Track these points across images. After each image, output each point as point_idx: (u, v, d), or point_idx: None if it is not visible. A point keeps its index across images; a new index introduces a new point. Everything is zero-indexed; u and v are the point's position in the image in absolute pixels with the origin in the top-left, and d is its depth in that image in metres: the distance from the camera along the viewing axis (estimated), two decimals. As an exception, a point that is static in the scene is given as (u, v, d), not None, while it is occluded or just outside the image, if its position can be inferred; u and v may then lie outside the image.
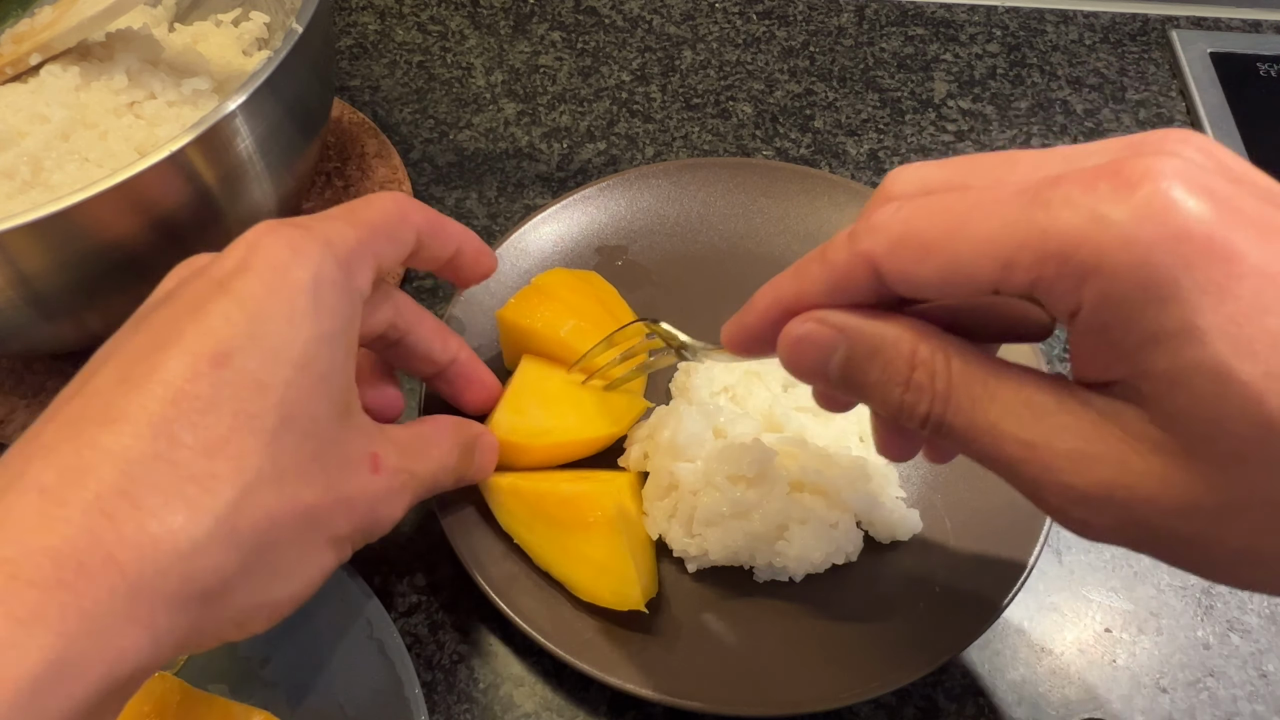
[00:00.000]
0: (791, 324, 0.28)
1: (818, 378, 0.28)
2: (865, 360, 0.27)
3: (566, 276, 0.47)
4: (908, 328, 0.26)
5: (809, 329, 0.28)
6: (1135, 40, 0.67)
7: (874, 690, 0.38)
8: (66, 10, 0.46)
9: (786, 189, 0.53)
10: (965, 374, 0.26)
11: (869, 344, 0.27)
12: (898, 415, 0.27)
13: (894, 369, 0.26)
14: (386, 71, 0.65)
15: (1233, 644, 0.42)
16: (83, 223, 0.37)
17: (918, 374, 0.26)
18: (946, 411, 0.26)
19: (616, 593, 0.39)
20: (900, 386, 0.26)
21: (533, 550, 0.41)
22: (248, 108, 0.39)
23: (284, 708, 0.38)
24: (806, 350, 0.28)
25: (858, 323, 0.27)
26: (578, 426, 0.43)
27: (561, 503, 0.40)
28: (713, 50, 0.66)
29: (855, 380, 0.27)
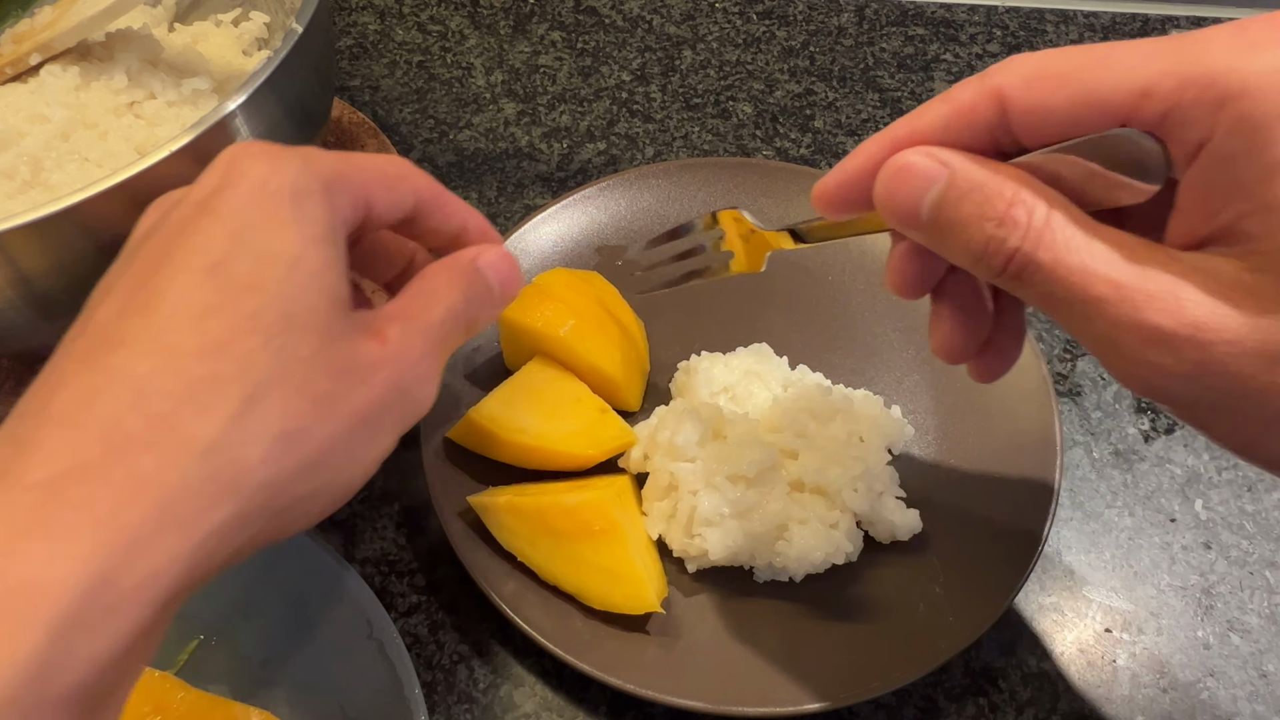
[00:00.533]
0: (897, 155, 0.28)
1: (909, 214, 0.28)
2: (963, 195, 0.27)
3: (567, 276, 0.47)
4: (1014, 173, 0.27)
5: (913, 158, 0.28)
6: (1135, 40, 0.66)
7: (874, 690, 0.38)
8: (66, 10, 0.46)
9: (786, 189, 0.53)
10: (1061, 216, 0.26)
11: (972, 179, 0.27)
12: (981, 254, 0.27)
13: (991, 205, 0.26)
14: (386, 71, 0.65)
15: (1233, 644, 0.42)
16: (83, 223, 0.37)
17: (1015, 209, 0.26)
18: (1038, 248, 0.26)
19: (631, 597, 0.39)
20: (993, 222, 0.26)
21: (538, 566, 0.40)
22: (248, 108, 0.39)
23: (284, 708, 0.38)
24: (907, 180, 0.28)
25: (963, 160, 0.27)
26: (555, 438, 0.42)
27: (564, 514, 0.40)
28: (713, 50, 0.66)
29: (946, 217, 0.27)
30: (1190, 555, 0.44)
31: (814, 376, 0.46)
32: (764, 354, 0.47)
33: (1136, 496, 0.46)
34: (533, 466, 0.43)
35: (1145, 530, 0.45)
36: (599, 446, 0.43)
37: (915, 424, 0.46)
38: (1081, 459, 0.47)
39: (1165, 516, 0.45)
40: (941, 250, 0.28)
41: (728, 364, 0.46)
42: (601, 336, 0.45)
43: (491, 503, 0.41)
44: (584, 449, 0.43)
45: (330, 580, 0.39)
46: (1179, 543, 0.45)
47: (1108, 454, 0.47)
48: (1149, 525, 0.45)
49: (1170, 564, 0.44)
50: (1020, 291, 0.27)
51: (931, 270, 0.32)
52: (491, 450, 0.43)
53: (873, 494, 0.41)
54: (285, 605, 0.40)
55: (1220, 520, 0.45)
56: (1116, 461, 0.47)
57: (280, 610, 0.40)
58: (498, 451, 0.43)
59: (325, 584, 0.39)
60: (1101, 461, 0.47)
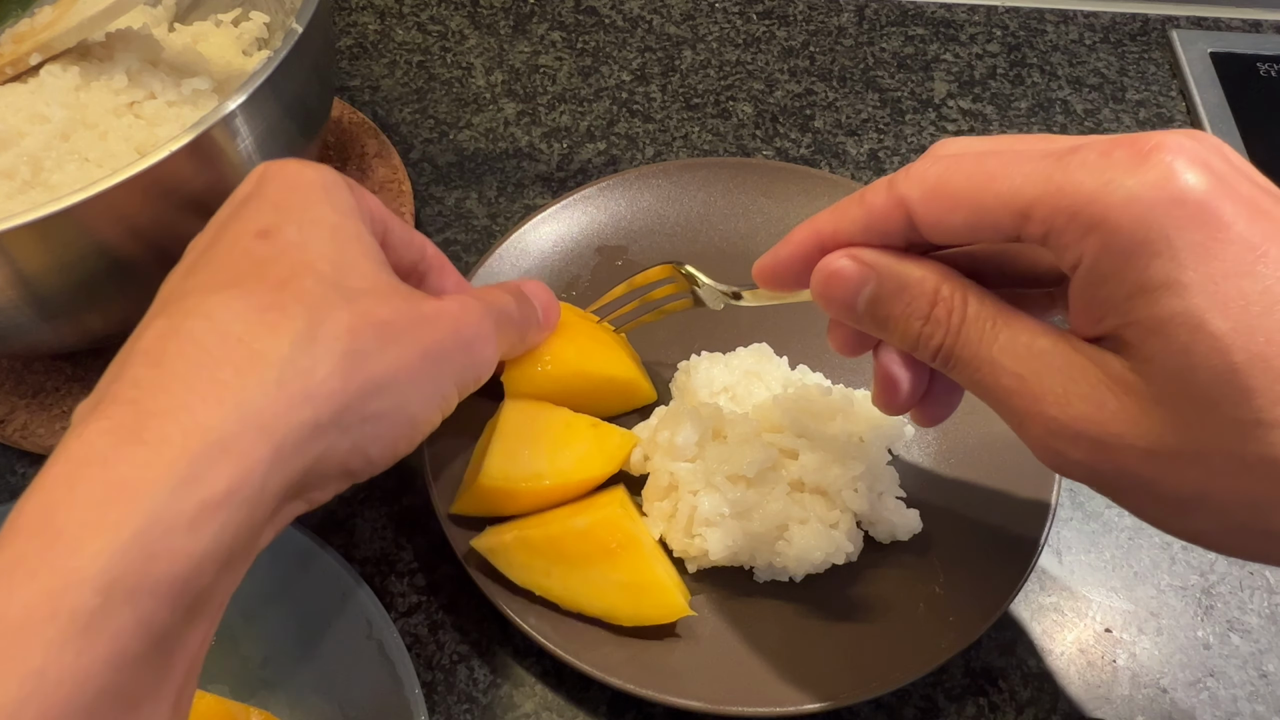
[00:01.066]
0: (827, 258, 0.31)
1: (847, 310, 0.31)
2: (891, 296, 0.30)
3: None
4: (932, 269, 0.29)
5: (843, 265, 0.31)
6: (1135, 40, 0.67)
7: (874, 690, 0.38)
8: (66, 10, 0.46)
9: (786, 189, 0.53)
10: (978, 312, 0.28)
11: (897, 281, 0.30)
12: (914, 346, 0.30)
13: (917, 305, 0.29)
14: (386, 71, 0.65)
15: (1233, 644, 0.42)
16: (83, 223, 0.37)
17: (938, 309, 0.29)
18: (957, 344, 0.29)
19: (660, 606, 0.39)
20: (920, 320, 0.29)
21: (558, 596, 0.39)
22: (248, 108, 0.39)
23: (284, 708, 0.38)
24: (839, 284, 0.31)
25: (888, 261, 0.30)
26: (573, 467, 0.41)
27: (579, 538, 0.39)
28: (713, 50, 0.66)
29: (880, 314, 0.30)
30: (1190, 555, 0.44)
31: (814, 376, 0.46)
32: (764, 354, 0.47)
33: (1136, 496, 0.46)
34: (550, 506, 0.41)
35: (1145, 530, 0.45)
36: (613, 459, 0.42)
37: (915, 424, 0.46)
38: (1081, 459, 0.47)
39: (1165, 516, 0.45)
40: (880, 335, 0.32)
41: (728, 364, 0.46)
42: (599, 346, 0.44)
43: (499, 542, 0.40)
44: (600, 468, 0.42)
45: (330, 580, 0.39)
46: (1179, 543, 0.45)
47: (1108, 454, 0.47)
48: (1149, 525, 0.45)
49: (1170, 564, 0.44)
50: (950, 374, 0.30)
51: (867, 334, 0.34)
52: (508, 507, 0.41)
53: (873, 494, 0.41)
54: (285, 605, 0.40)
55: (1220, 520, 0.45)
56: (1116, 461, 0.47)
57: (280, 610, 0.40)
58: (515, 505, 0.41)
59: (325, 584, 0.39)
60: (1101, 461, 0.47)
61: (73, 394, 0.48)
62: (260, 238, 0.30)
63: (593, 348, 0.44)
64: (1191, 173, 0.24)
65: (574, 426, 0.42)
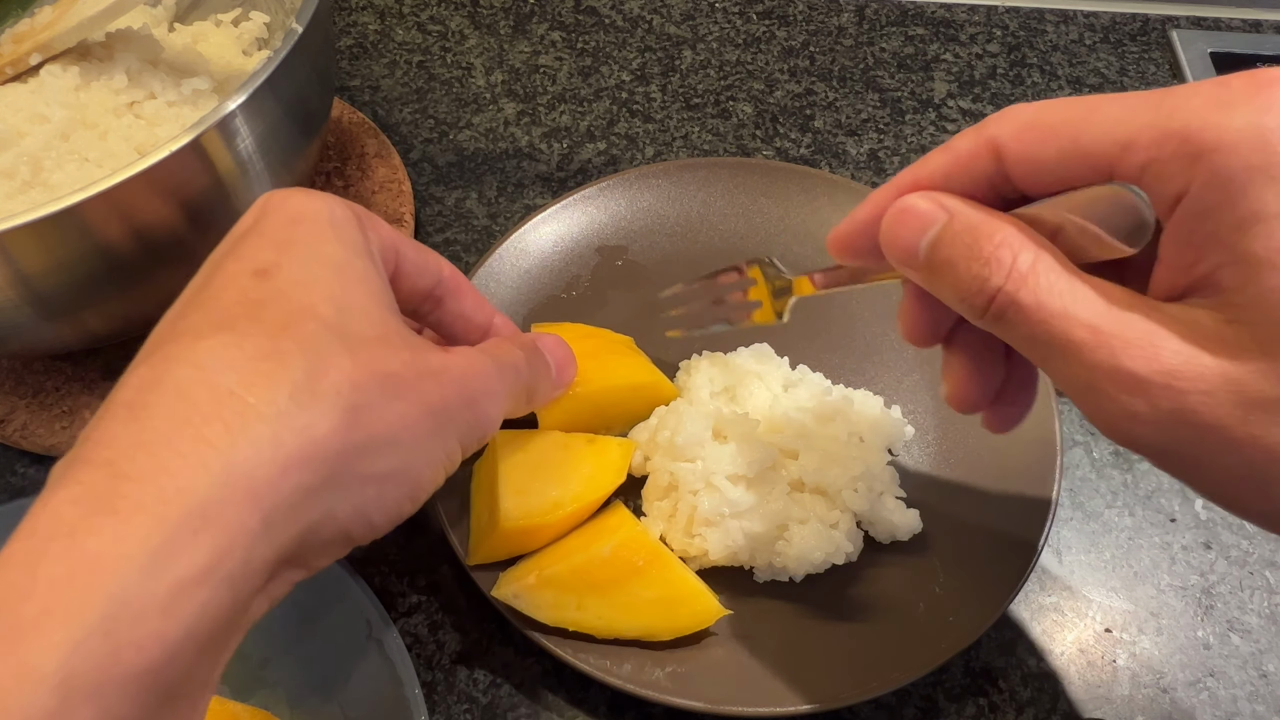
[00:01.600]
0: (901, 199, 0.29)
1: (908, 254, 0.29)
2: (955, 236, 0.28)
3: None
4: (1006, 218, 0.27)
5: (916, 202, 0.29)
6: (1135, 40, 0.67)
7: (874, 690, 0.38)
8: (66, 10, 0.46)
9: (786, 189, 0.53)
10: (1048, 262, 0.26)
11: (966, 221, 0.28)
12: (966, 293, 0.27)
13: (979, 246, 0.27)
14: (386, 71, 0.65)
15: (1233, 644, 0.42)
16: (83, 223, 0.37)
17: (1001, 250, 0.26)
18: (1020, 289, 0.26)
19: (696, 613, 0.38)
20: (979, 261, 0.27)
21: (592, 627, 0.38)
22: (248, 108, 0.39)
23: (284, 708, 0.38)
24: (908, 221, 0.29)
25: (962, 205, 0.28)
26: (586, 488, 0.40)
27: (605, 564, 0.39)
28: (713, 50, 0.66)
29: (940, 256, 0.28)
30: (1190, 555, 0.44)
31: (814, 376, 0.46)
32: (764, 354, 0.47)
33: (1136, 496, 0.46)
34: (567, 533, 0.41)
35: (1145, 530, 0.45)
36: (619, 470, 0.42)
37: (915, 424, 0.46)
38: (1081, 459, 0.47)
39: (1165, 516, 0.45)
40: (935, 290, 0.29)
41: (728, 364, 0.46)
42: (616, 356, 0.44)
43: (522, 586, 0.39)
44: (610, 482, 0.41)
45: (330, 580, 0.39)
46: (1179, 543, 0.45)
47: (1108, 454, 0.47)
48: (1149, 525, 0.45)
49: (1170, 564, 0.44)
50: (1003, 333, 0.27)
51: (941, 318, 0.32)
52: (529, 544, 0.40)
53: (873, 494, 0.41)
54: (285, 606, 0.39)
55: (1220, 520, 0.45)
56: (1116, 461, 0.47)
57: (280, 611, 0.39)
58: (536, 541, 0.40)
59: (325, 584, 0.39)
60: (1101, 461, 0.47)
61: (72, 394, 0.48)
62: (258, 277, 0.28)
63: (613, 360, 0.44)
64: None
65: (572, 447, 0.41)
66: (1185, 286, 0.25)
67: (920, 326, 0.32)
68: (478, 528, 0.41)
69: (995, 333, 0.28)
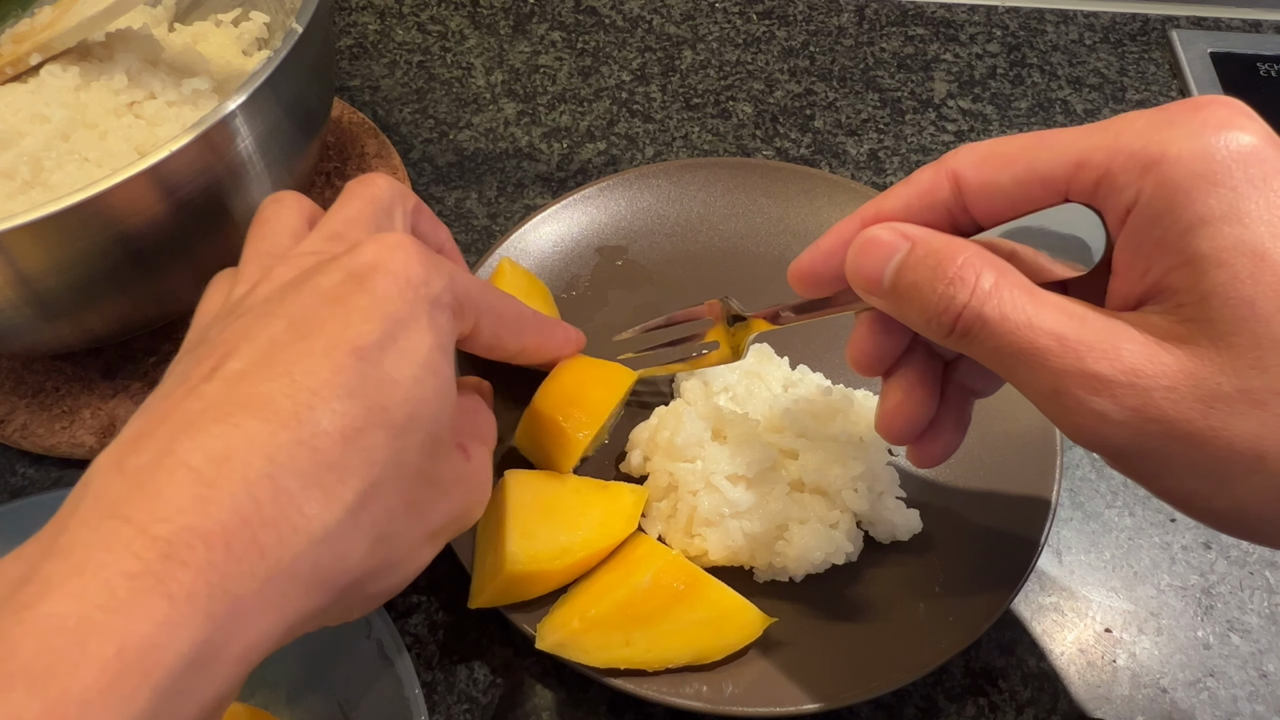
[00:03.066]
0: (865, 230, 0.31)
1: (873, 282, 0.30)
2: (918, 261, 0.29)
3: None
4: (966, 242, 0.29)
5: (878, 232, 0.30)
6: (1135, 40, 0.67)
7: (874, 690, 0.38)
8: (66, 10, 0.46)
9: (786, 189, 0.53)
10: (1011, 278, 0.28)
11: (929, 246, 0.29)
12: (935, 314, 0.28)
13: (943, 268, 0.28)
14: (386, 71, 0.65)
15: (1233, 644, 0.42)
16: (83, 223, 0.37)
17: (964, 270, 0.28)
18: (986, 304, 0.27)
19: (743, 626, 0.38)
20: (944, 282, 0.28)
21: (643, 661, 0.38)
22: (248, 108, 0.39)
23: (284, 708, 0.38)
24: (871, 251, 0.30)
25: (924, 232, 0.30)
26: (596, 535, 0.40)
27: (647, 596, 0.38)
28: (713, 50, 0.66)
29: (905, 281, 0.29)
30: (1190, 555, 0.44)
31: (814, 376, 0.46)
32: (764, 354, 0.47)
33: (1136, 496, 0.46)
34: (574, 579, 0.40)
35: (1145, 530, 0.45)
36: (631, 518, 0.41)
37: (915, 424, 0.46)
38: (1081, 459, 0.47)
39: (1165, 516, 0.45)
40: (901, 314, 0.30)
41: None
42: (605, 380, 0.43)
43: (566, 634, 0.38)
44: (621, 530, 0.40)
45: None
46: (1179, 543, 0.45)
47: (1108, 454, 0.47)
48: (1149, 525, 0.45)
49: (1170, 564, 0.44)
50: (969, 348, 0.29)
51: (888, 349, 0.34)
52: (533, 590, 0.39)
53: (873, 494, 0.41)
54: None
55: (1220, 520, 0.45)
56: (1116, 461, 0.47)
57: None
58: (541, 586, 0.39)
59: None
60: (1101, 461, 0.47)
61: (72, 394, 0.48)
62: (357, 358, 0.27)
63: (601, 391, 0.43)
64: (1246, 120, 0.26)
65: (582, 492, 0.41)
66: (1140, 295, 0.27)
67: (869, 357, 0.34)
68: (481, 569, 0.40)
69: (961, 349, 0.29)
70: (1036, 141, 0.28)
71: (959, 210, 0.30)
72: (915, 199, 0.31)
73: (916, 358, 0.35)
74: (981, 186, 0.29)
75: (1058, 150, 0.27)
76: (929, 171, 0.30)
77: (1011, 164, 0.28)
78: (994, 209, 0.29)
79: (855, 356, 0.35)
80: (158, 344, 0.50)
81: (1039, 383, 0.27)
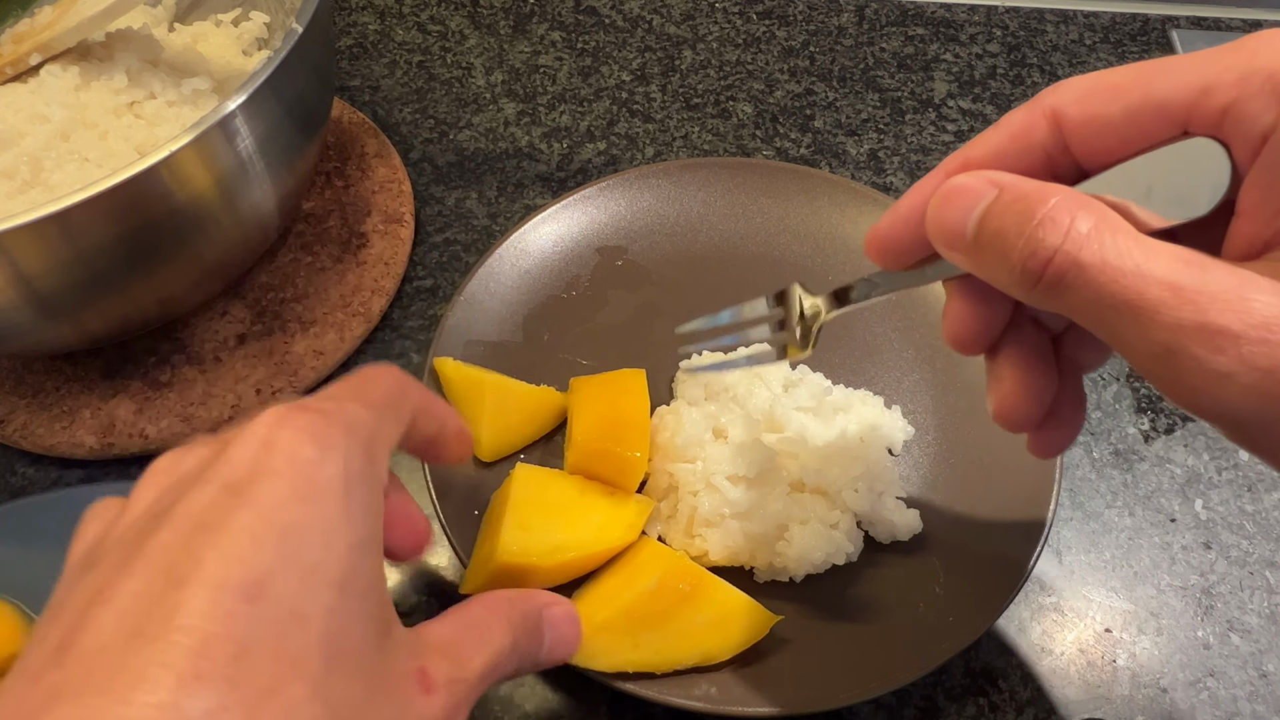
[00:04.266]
0: (948, 180, 0.27)
1: (955, 234, 0.26)
2: (1006, 206, 0.25)
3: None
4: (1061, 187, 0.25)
5: (962, 180, 0.27)
6: (1135, 40, 0.67)
7: (874, 690, 0.38)
8: (66, 10, 0.46)
9: (786, 189, 0.53)
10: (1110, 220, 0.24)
11: (1017, 191, 0.25)
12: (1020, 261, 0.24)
13: (1031, 210, 0.24)
14: (386, 71, 0.65)
15: (1233, 644, 0.42)
16: (83, 223, 0.37)
17: (1057, 211, 0.24)
18: (1082, 249, 0.23)
19: (750, 626, 0.38)
20: (1032, 223, 0.24)
21: (651, 664, 0.37)
22: (248, 108, 0.39)
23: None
24: (955, 201, 0.26)
25: (1013, 178, 0.26)
26: (592, 539, 0.39)
27: (654, 598, 0.38)
28: (713, 50, 0.66)
29: (989, 229, 0.25)
30: (1190, 555, 0.44)
31: (814, 376, 0.46)
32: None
33: (1136, 496, 0.46)
34: (567, 580, 0.40)
35: (1145, 530, 0.45)
36: (632, 527, 0.41)
37: (915, 424, 0.46)
38: (1081, 459, 0.47)
39: (1165, 516, 0.45)
40: (983, 269, 0.26)
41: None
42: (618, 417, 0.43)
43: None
44: (620, 538, 0.40)
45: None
46: (1179, 543, 0.45)
47: (1108, 454, 0.47)
48: (1149, 525, 0.45)
49: (1170, 564, 0.44)
50: (1061, 302, 0.24)
51: (991, 319, 0.30)
52: (524, 583, 0.39)
53: (873, 494, 0.41)
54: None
55: (1220, 520, 0.45)
56: (1116, 461, 0.47)
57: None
58: (532, 581, 0.39)
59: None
60: (1101, 461, 0.47)
61: (72, 394, 0.48)
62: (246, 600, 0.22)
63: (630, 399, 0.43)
64: None
65: (588, 495, 0.41)
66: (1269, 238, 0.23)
67: (969, 331, 0.30)
68: (478, 557, 0.40)
69: (1050, 304, 0.25)
70: (1152, 69, 0.25)
71: (1058, 152, 0.27)
72: (1007, 143, 0.27)
73: (1024, 332, 0.30)
74: (1086, 121, 0.26)
75: (1178, 75, 0.24)
76: (1021, 113, 0.27)
77: (1123, 94, 0.25)
78: (1102, 147, 0.26)
79: (954, 332, 0.30)
80: (158, 344, 0.50)
81: (1146, 341, 0.23)
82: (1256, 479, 0.46)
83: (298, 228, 0.55)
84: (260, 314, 0.51)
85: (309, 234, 0.54)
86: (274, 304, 0.51)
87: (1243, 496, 0.46)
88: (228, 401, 0.48)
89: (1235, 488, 0.46)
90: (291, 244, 0.54)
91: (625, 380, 0.44)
